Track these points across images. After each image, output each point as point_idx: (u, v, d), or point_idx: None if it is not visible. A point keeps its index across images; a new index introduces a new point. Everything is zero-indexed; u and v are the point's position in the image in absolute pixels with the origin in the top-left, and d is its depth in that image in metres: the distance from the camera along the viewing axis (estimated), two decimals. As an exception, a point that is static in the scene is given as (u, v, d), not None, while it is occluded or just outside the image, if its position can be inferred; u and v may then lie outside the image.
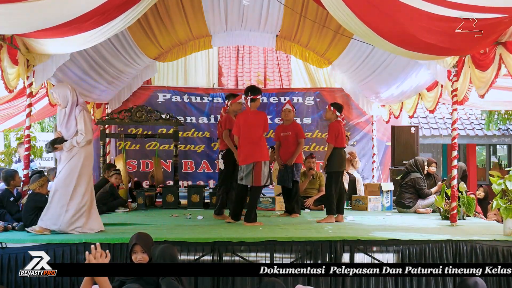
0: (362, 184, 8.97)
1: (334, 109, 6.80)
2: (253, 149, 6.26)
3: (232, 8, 8.79)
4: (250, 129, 6.31)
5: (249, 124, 6.33)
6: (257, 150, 6.26)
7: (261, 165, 6.22)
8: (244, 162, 6.29)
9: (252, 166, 6.23)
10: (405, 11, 4.81)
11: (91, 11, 5.01)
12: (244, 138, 6.34)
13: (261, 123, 6.36)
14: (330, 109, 6.84)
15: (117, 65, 8.80)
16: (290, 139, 7.20)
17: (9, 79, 5.68)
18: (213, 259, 5.04)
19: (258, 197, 6.65)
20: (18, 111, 8.43)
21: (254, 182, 6.23)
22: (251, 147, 6.26)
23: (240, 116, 6.53)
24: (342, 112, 6.86)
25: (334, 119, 6.78)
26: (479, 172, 14.95)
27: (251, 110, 6.46)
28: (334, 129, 6.68)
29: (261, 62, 11.40)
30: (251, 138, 6.29)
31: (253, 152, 6.25)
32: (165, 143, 10.37)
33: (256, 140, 6.30)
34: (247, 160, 6.27)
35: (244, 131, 6.34)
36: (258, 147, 6.29)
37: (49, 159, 11.07)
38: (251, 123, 6.33)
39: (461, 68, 6.04)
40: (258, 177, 6.21)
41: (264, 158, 6.30)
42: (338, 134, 6.65)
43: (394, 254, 5.16)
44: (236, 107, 7.00)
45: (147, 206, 8.42)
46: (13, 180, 6.36)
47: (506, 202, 5.43)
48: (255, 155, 6.24)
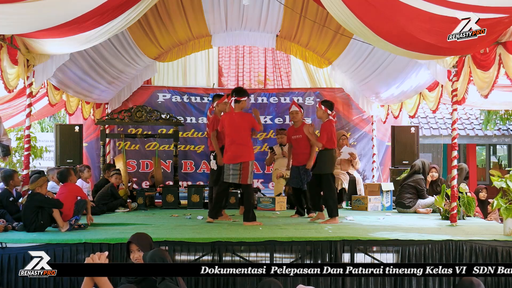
0: (362, 184, 8.97)
1: (325, 107, 6.68)
2: (241, 150, 6.35)
3: (232, 8, 8.80)
4: (236, 130, 6.37)
5: (234, 125, 6.38)
6: (245, 151, 6.37)
7: (248, 165, 6.34)
8: (232, 161, 6.35)
9: (240, 165, 6.32)
10: (404, 11, 4.81)
11: (91, 11, 5.01)
12: (230, 138, 6.40)
13: (247, 125, 6.42)
14: (321, 108, 6.72)
15: (117, 65, 8.81)
16: (302, 142, 7.11)
17: (9, 79, 5.68)
18: (213, 259, 5.04)
19: (252, 196, 6.68)
20: (18, 111, 8.43)
21: (242, 180, 6.34)
22: (238, 148, 6.35)
23: (225, 116, 6.56)
24: (333, 109, 6.74)
25: (326, 118, 6.67)
26: (479, 172, 14.94)
27: (235, 111, 6.44)
28: (326, 130, 6.58)
29: (261, 62, 11.40)
30: (238, 139, 6.36)
31: (241, 152, 6.34)
32: (165, 143, 10.38)
33: (244, 141, 6.39)
34: (235, 160, 6.33)
35: (229, 132, 6.41)
36: (245, 147, 6.39)
37: (49, 159, 11.07)
38: (237, 125, 6.38)
39: (461, 68, 6.04)
40: (246, 176, 6.32)
41: (251, 158, 6.42)
42: (330, 135, 6.56)
43: (394, 254, 5.17)
44: (222, 108, 7.01)
45: (147, 206, 8.42)
46: (12, 180, 6.36)
47: (506, 202, 5.44)
48: (243, 155, 6.33)
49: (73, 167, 8.04)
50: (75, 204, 5.95)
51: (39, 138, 10.63)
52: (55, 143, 9.11)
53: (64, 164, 8.77)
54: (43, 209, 5.61)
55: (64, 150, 8.99)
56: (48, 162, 11.03)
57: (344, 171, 8.85)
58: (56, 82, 7.53)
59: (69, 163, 8.87)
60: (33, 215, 5.56)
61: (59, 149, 8.98)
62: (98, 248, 4.86)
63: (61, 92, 7.91)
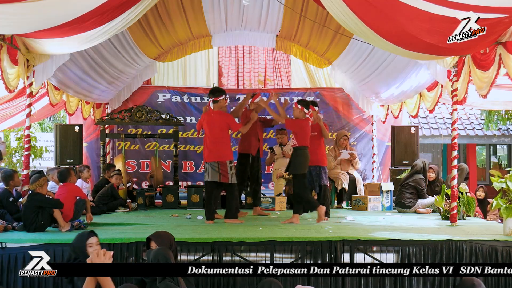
0: (362, 184, 8.97)
1: (302, 106, 6.63)
2: (217, 148, 6.47)
3: (232, 8, 8.80)
4: (213, 129, 6.50)
5: (212, 124, 6.50)
6: (221, 149, 6.48)
7: (226, 164, 6.44)
8: (208, 160, 6.50)
9: (217, 164, 6.43)
10: (405, 11, 4.81)
11: (91, 11, 5.01)
12: (208, 137, 6.55)
13: (224, 125, 6.52)
14: (297, 107, 6.64)
15: (117, 65, 8.80)
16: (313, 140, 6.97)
17: (9, 79, 5.68)
18: (213, 259, 5.04)
19: (235, 194, 6.71)
20: (18, 111, 8.43)
21: (222, 179, 6.44)
22: (214, 146, 6.48)
23: (204, 115, 6.68)
24: (310, 108, 6.66)
25: (303, 117, 6.62)
26: (479, 172, 14.94)
27: (214, 110, 6.56)
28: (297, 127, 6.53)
29: (261, 62, 11.39)
30: (215, 138, 6.49)
31: (217, 151, 6.46)
32: (164, 143, 10.37)
33: (220, 140, 6.51)
34: (213, 158, 6.45)
35: (207, 131, 6.55)
36: (221, 146, 6.50)
37: (49, 159, 11.08)
38: (215, 124, 6.50)
39: (461, 68, 6.04)
40: (225, 175, 6.43)
41: (227, 157, 6.50)
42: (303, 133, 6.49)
43: (394, 254, 5.17)
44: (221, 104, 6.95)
45: (147, 206, 8.42)
46: (12, 180, 6.36)
47: (506, 202, 5.44)
48: (218, 154, 6.45)
49: (73, 167, 8.03)
50: (75, 204, 5.96)
51: (39, 138, 10.64)
52: (55, 143, 9.10)
53: (64, 164, 8.77)
54: (43, 209, 5.61)
55: (64, 150, 8.99)
56: (48, 162, 11.02)
57: (344, 171, 8.85)
58: (56, 82, 7.53)
59: (69, 163, 8.87)
60: (33, 215, 5.56)
61: (59, 149, 8.98)
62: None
63: (61, 92, 7.90)
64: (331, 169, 8.97)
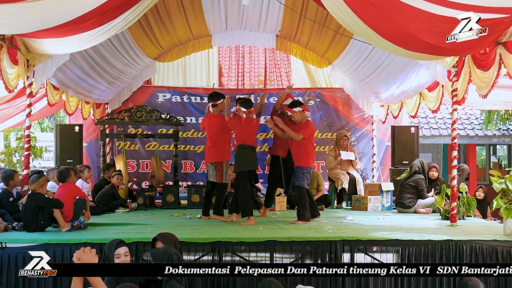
0: (362, 184, 8.98)
1: (239, 106, 6.69)
2: (215, 150, 6.82)
3: (232, 8, 8.80)
4: (214, 132, 6.84)
5: (212, 127, 6.86)
6: (219, 151, 6.82)
7: (222, 165, 6.80)
8: (209, 161, 6.91)
9: (215, 165, 6.81)
10: (405, 11, 4.81)
11: (91, 11, 5.01)
12: (209, 140, 6.92)
13: (224, 127, 6.79)
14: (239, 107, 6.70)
15: (117, 65, 8.80)
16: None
17: (9, 79, 5.68)
18: (213, 259, 5.05)
19: (223, 194, 7.05)
20: (18, 111, 8.43)
21: (217, 179, 6.83)
22: (213, 148, 6.83)
23: (205, 118, 7.08)
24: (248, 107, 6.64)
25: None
26: (479, 172, 14.93)
27: (214, 114, 6.91)
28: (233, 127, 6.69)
29: (261, 62, 11.39)
30: (214, 140, 6.84)
31: (215, 153, 6.82)
32: (165, 143, 10.37)
33: (219, 142, 6.85)
34: (212, 159, 6.84)
35: (208, 133, 6.93)
36: (220, 148, 6.82)
37: (49, 159, 11.07)
38: (214, 127, 6.83)
39: (461, 68, 6.04)
40: (220, 175, 6.80)
41: (224, 158, 6.84)
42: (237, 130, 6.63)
43: (394, 254, 5.17)
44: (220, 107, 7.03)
45: (147, 206, 8.42)
46: (12, 180, 6.36)
47: (506, 202, 5.44)
48: (216, 156, 6.81)
49: (73, 167, 8.04)
50: (74, 204, 5.96)
51: (39, 138, 10.64)
52: (55, 143, 9.10)
53: (64, 164, 8.76)
54: (43, 209, 5.61)
55: (64, 150, 8.99)
56: (48, 162, 11.02)
57: (344, 171, 8.86)
58: (56, 82, 7.53)
59: (69, 163, 8.86)
60: (33, 215, 5.56)
61: (59, 149, 8.98)
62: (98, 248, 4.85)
63: (60, 92, 7.90)
64: (331, 169, 8.98)
